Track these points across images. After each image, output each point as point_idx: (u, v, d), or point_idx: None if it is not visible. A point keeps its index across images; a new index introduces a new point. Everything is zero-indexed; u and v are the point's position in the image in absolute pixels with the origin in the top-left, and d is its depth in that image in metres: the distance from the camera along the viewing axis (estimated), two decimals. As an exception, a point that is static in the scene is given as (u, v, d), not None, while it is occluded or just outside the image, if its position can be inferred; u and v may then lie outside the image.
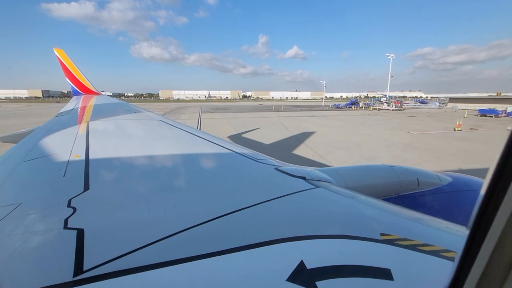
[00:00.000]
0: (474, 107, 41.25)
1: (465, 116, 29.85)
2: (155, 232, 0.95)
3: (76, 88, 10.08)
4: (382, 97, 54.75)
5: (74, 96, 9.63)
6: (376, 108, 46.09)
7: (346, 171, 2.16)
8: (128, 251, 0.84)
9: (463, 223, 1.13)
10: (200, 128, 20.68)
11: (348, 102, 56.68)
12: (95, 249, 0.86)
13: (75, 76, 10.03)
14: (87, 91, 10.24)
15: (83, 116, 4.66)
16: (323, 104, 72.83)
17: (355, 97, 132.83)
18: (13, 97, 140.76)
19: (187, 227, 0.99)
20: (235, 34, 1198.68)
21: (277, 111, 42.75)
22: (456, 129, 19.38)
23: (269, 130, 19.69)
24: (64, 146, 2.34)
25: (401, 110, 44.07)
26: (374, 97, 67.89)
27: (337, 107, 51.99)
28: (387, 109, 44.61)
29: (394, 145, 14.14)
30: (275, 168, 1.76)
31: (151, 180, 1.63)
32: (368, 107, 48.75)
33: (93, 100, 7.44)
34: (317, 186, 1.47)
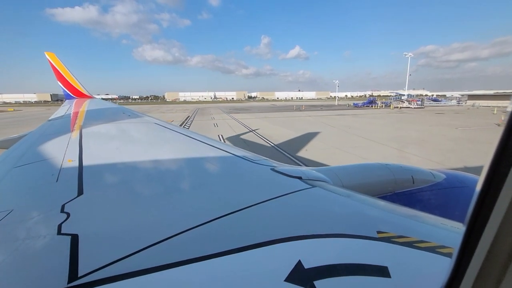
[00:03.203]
0: (496, 104, 41.75)
1: (495, 113, 30.41)
2: (151, 236, 0.95)
3: (68, 92, 9.86)
4: (402, 95, 55.37)
5: (67, 100, 9.37)
6: (398, 107, 46.57)
7: (341, 170, 2.20)
8: (124, 255, 0.83)
9: (457, 219, 1.15)
10: (254, 129, 21.17)
11: (365, 101, 57.27)
12: (90, 254, 0.85)
13: (67, 80, 9.84)
14: (80, 94, 9.99)
15: (76, 120, 4.55)
16: (336, 104, 73.30)
17: (370, 95, 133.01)
18: (23, 101, 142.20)
19: (183, 229, 0.98)
20: (238, 35, 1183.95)
21: (301, 111, 43.37)
22: (501, 124, 19.90)
23: (324, 128, 20.33)
24: (57, 151, 2.30)
25: (422, 108, 44.68)
26: (390, 96, 68.46)
27: (356, 106, 52.61)
28: (409, 107, 45.18)
29: (457, 139, 14.73)
30: (271, 169, 1.77)
31: (145, 183, 1.62)
32: (389, 105, 49.39)
33: (86, 104, 7.31)
34: (313, 186, 1.48)
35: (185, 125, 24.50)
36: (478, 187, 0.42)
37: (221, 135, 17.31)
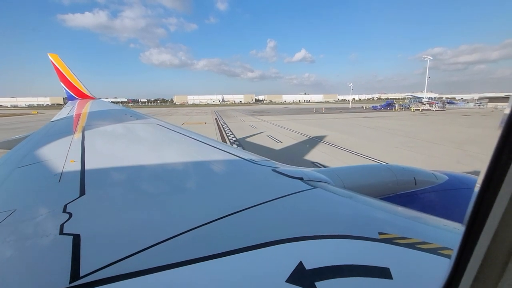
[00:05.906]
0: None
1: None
2: (152, 236, 0.95)
3: (71, 93, 9.88)
4: (421, 98, 55.72)
5: (69, 101, 9.44)
6: (419, 109, 46.80)
7: (343, 171, 2.22)
8: (125, 255, 0.84)
9: (460, 220, 1.14)
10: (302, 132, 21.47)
11: (383, 103, 57.58)
12: (92, 254, 0.86)
13: (69, 81, 9.83)
14: (82, 95, 10.00)
15: (78, 121, 4.56)
16: (350, 106, 73.57)
17: (379, 98, 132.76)
18: (37, 104, 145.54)
19: (185, 230, 0.99)
20: (244, 39, 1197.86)
21: (323, 113, 43.87)
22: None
23: (363, 130, 20.82)
24: (59, 152, 2.33)
25: (443, 110, 44.89)
26: (400, 98, 68.69)
27: (375, 109, 53.12)
28: (429, 109, 45.45)
29: None
30: (272, 170, 1.78)
31: (147, 184, 1.63)
32: (410, 107, 49.73)
33: (89, 105, 7.37)
34: (314, 187, 1.48)
35: (224, 128, 25.14)
36: (477, 188, 0.42)
37: (270, 135, 17.95)
